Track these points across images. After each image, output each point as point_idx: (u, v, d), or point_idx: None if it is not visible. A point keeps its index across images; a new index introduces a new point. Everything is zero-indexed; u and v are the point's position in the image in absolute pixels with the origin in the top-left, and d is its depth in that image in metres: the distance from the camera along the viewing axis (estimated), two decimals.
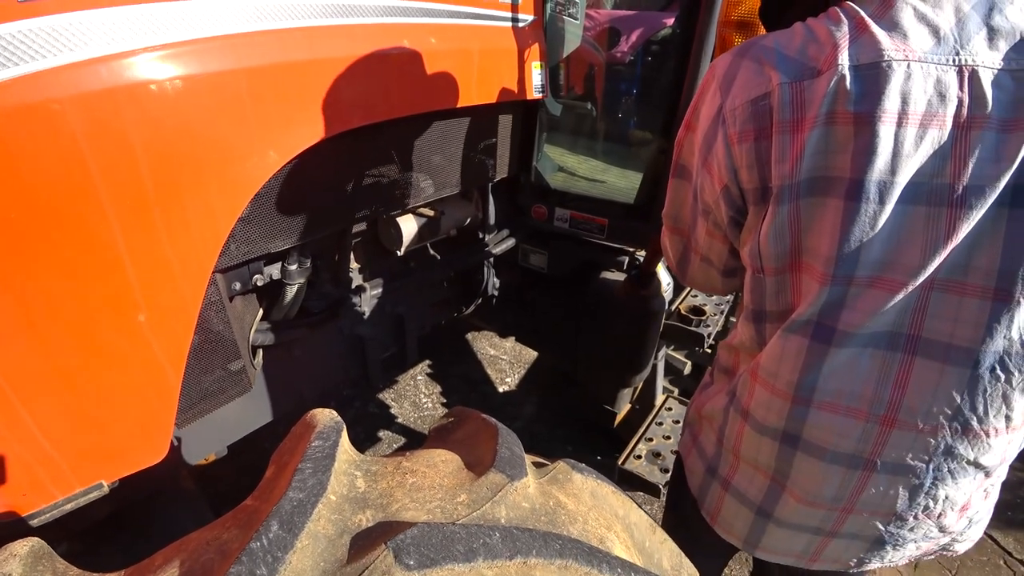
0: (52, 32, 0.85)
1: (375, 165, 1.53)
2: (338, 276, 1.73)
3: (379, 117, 1.36)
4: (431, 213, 1.84)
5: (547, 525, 0.73)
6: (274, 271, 1.45)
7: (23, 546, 0.65)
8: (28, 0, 0.83)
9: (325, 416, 0.83)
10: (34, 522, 1.11)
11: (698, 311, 2.22)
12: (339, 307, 1.75)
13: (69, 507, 1.15)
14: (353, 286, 1.80)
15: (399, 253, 1.79)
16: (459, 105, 1.59)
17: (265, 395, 1.68)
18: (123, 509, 1.44)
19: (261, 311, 1.55)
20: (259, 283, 1.40)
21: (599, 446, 2.77)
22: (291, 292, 1.49)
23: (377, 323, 1.88)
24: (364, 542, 0.61)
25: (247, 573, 0.53)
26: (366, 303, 1.82)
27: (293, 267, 1.45)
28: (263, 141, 1.14)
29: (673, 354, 2.55)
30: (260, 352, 1.59)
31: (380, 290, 1.86)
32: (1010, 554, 2.54)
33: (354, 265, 1.82)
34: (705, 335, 2.14)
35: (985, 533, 2.56)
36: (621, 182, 2.29)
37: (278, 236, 1.35)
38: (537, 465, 0.93)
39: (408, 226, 1.74)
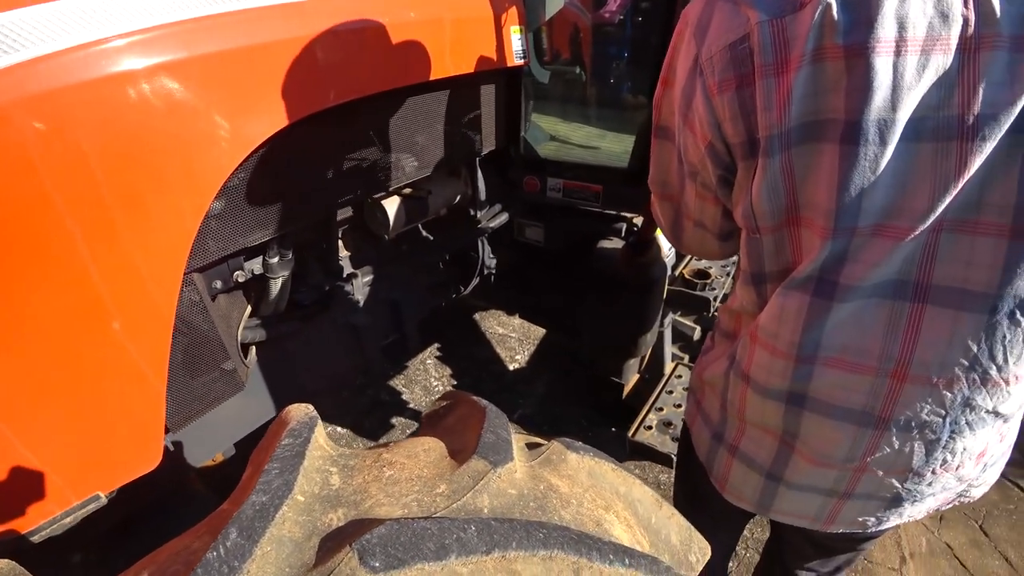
0: None
1: (351, 147, 1.47)
2: (327, 265, 1.69)
3: (347, 97, 1.30)
4: (417, 193, 1.78)
5: (536, 511, 0.69)
6: (255, 266, 1.41)
7: None
8: None
9: (299, 412, 0.79)
10: (35, 538, 1.10)
11: (703, 275, 2.15)
12: (330, 297, 1.71)
13: (68, 521, 1.14)
14: (344, 275, 1.76)
15: (387, 237, 1.74)
16: (434, 78, 1.52)
17: (264, 391, 1.65)
18: (133, 516, 1.44)
19: (249, 307, 1.52)
20: (241, 279, 1.36)
21: (616, 418, 2.73)
22: (276, 286, 1.45)
23: (372, 311, 1.84)
24: (332, 543, 0.58)
25: None
26: (358, 291, 1.78)
27: (275, 260, 1.40)
28: (224, 131, 1.09)
29: (680, 320, 2.49)
30: (253, 349, 1.56)
31: (371, 277, 1.82)
32: None
33: (343, 253, 1.78)
34: (711, 299, 2.08)
35: (1012, 481, 2.52)
36: (616, 147, 2.21)
37: (255, 229, 1.30)
38: (532, 447, 0.89)
39: (394, 208, 1.69)
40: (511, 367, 3.33)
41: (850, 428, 0.78)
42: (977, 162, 0.62)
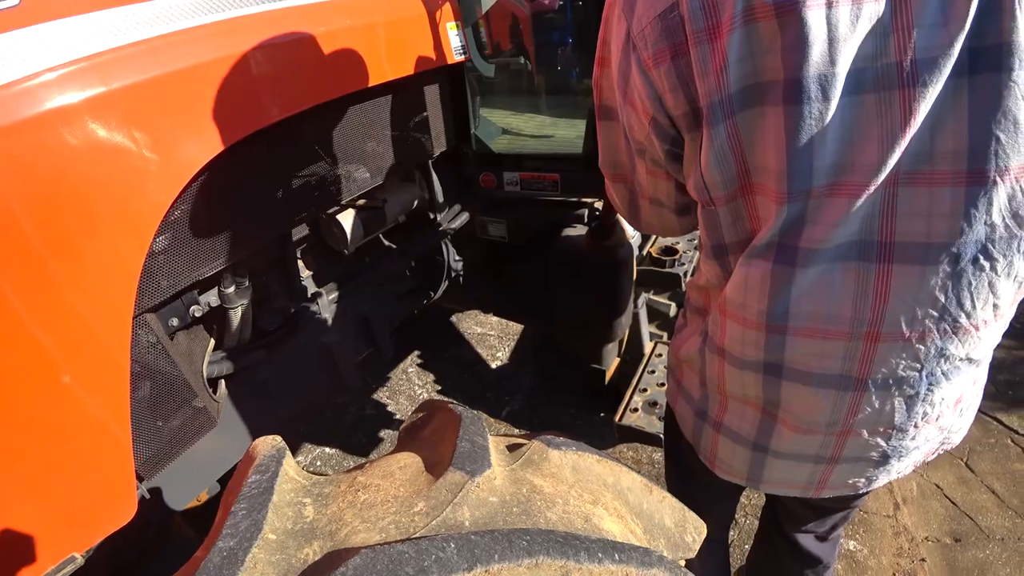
0: None
1: (297, 165, 1.43)
2: (288, 288, 1.65)
3: (284, 113, 1.26)
4: (373, 203, 1.74)
5: (520, 516, 0.67)
6: (212, 298, 1.36)
7: None
8: None
9: (265, 446, 0.76)
10: None
11: (670, 251, 2.15)
12: (296, 320, 1.67)
13: None
14: (308, 295, 1.72)
15: (347, 251, 1.70)
16: (373, 84, 1.48)
17: (240, 424, 1.60)
18: (119, 570, 1.39)
19: (212, 341, 1.47)
20: (198, 314, 1.31)
21: (604, 403, 2.73)
22: (236, 316, 1.41)
23: (341, 328, 1.80)
24: None
25: None
26: (325, 309, 1.73)
27: (231, 290, 1.36)
28: (156, 164, 1.05)
29: (655, 299, 2.49)
30: (222, 383, 1.52)
31: (337, 293, 1.78)
32: (1016, 432, 2.55)
33: (304, 273, 1.73)
34: (681, 274, 2.08)
35: (991, 416, 2.59)
36: (569, 133, 2.19)
37: (205, 261, 1.26)
38: (513, 448, 0.86)
39: (350, 222, 1.65)
40: (494, 365, 3.31)
41: (830, 393, 0.77)
42: (922, 109, 0.61)
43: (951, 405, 0.81)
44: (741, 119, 0.67)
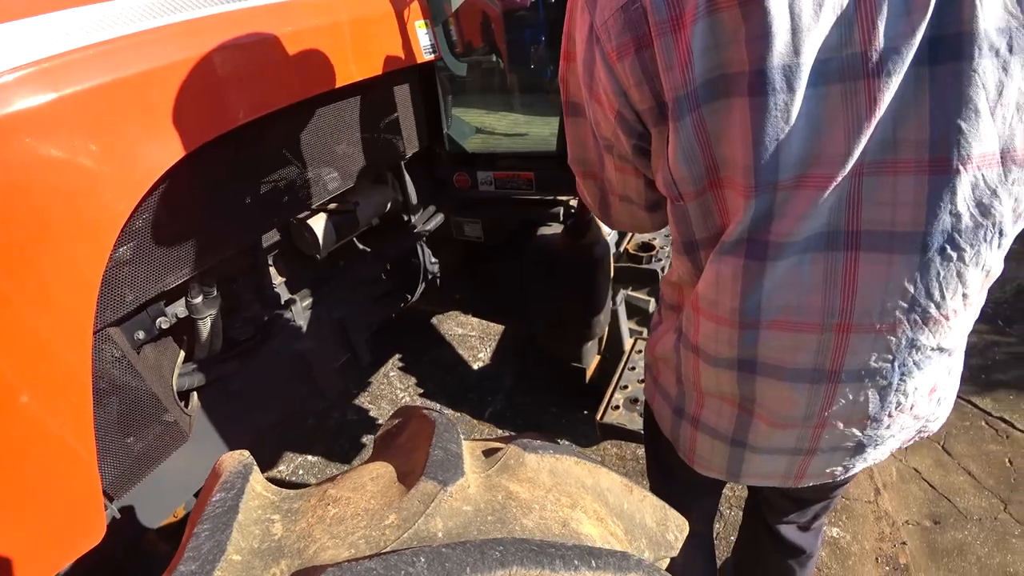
0: None
1: (264, 169, 1.40)
2: (260, 296, 1.61)
3: (249, 116, 1.23)
4: (344, 207, 1.71)
5: (495, 525, 0.65)
6: (179, 309, 1.32)
7: None
8: None
9: (232, 462, 0.73)
10: None
11: (647, 247, 2.15)
12: (270, 328, 1.63)
13: None
14: (281, 302, 1.69)
15: (320, 256, 1.67)
16: (340, 84, 1.45)
17: (215, 436, 1.57)
18: None
19: (182, 353, 1.43)
20: (165, 325, 1.28)
21: (587, 403, 2.72)
22: (205, 327, 1.37)
23: (317, 334, 1.77)
24: None
25: None
26: (299, 316, 1.70)
27: (198, 300, 1.32)
28: (114, 170, 1.01)
29: (634, 295, 2.49)
30: (194, 395, 1.48)
31: (311, 299, 1.75)
32: (989, 414, 2.60)
33: (276, 280, 1.70)
34: (659, 270, 2.08)
35: (965, 399, 2.64)
36: (543, 131, 2.18)
37: (171, 270, 1.22)
38: (490, 453, 0.85)
39: (321, 226, 1.62)
40: (475, 366, 3.29)
41: (804, 387, 0.77)
42: (886, 99, 0.60)
43: (925, 394, 0.81)
44: (707, 112, 0.66)
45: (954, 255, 0.67)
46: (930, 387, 0.81)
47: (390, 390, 3.19)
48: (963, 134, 0.60)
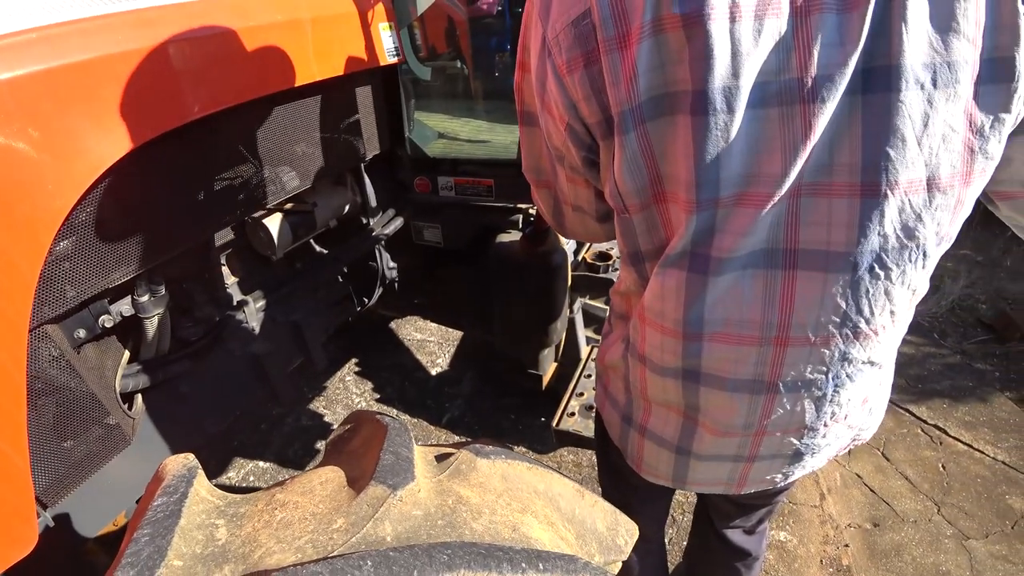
0: None
1: (218, 166, 1.36)
2: (212, 295, 1.57)
3: (201, 112, 1.20)
4: (301, 207, 1.68)
5: (445, 529, 0.65)
6: (124, 307, 1.27)
7: None
8: None
9: (175, 465, 0.71)
10: None
11: (604, 256, 2.18)
12: (222, 329, 1.59)
13: None
14: (234, 302, 1.64)
15: (275, 257, 1.63)
16: (300, 83, 1.43)
17: (160, 441, 1.51)
18: None
19: (127, 353, 1.37)
20: (108, 324, 1.23)
21: (544, 409, 2.74)
22: (151, 326, 1.32)
23: (271, 336, 1.73)
24: None
25: None
26: (252, 318, 1.66)
27: (144, 298, 1.27)
28: (54, 162, 0.97)
29: (591, 303, 2.52)
30: (138, 397, 1.42)
31: (265, 301, 1.71)
32: (925, 422, 2.74)
33: (229, 279, 1.65)
34: (615, 279, 2.11)
35: (902, 408, 2.76)
36: (505, 138, 2.19)
37: (116, 267, 1.17)
38: (443, 458, 0.85)
39: (277, 226, 1.59)
40: (433, 371, 3.27)
41: (744, 397, 0.79)
42: (821, 124, 0.63)
43: (858, 405, 0.84)
44: (652, 128, 0.68)
45: (882, 274, 0.70)
46: (862, 398, 0.84)
47: (346, 395, 3.14)
48: (891, 161, 0.64)
